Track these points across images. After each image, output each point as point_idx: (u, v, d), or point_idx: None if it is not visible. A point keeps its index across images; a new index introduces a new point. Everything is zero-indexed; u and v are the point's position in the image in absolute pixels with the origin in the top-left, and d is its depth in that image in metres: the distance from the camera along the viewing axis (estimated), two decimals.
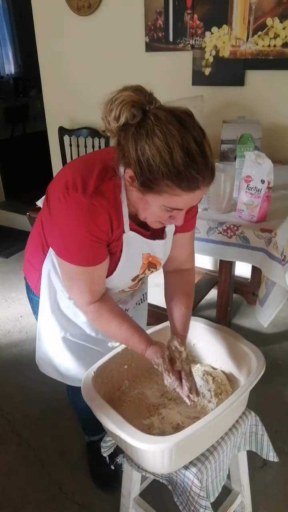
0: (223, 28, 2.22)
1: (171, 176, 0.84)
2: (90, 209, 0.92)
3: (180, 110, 0.87)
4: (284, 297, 1.54)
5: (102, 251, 1.01)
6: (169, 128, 0.82)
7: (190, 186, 0.86)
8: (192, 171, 0.83)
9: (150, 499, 1.39)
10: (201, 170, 0.84)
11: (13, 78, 6.52)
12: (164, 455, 0.94)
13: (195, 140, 0.83)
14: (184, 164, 0.82)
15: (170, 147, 0.81)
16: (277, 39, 2.12)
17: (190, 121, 0.85)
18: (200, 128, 0.86)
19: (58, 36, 2.82)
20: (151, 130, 0.83)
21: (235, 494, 1.35)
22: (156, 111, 0.85)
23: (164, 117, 0.83)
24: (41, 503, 1.53)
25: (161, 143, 0.82)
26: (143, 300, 1.45)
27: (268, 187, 1.48)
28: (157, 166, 0.83)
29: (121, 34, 2.57)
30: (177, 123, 0.83)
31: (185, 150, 0.82)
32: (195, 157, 0.82)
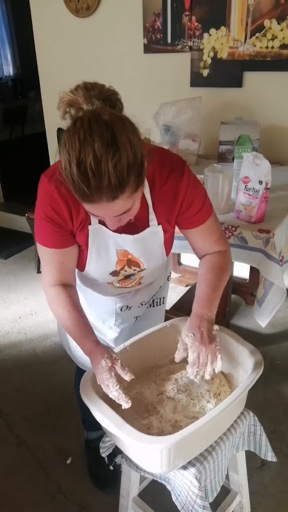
0: (221, 29, 2.23)
1: (70, 185, 0.84)
2: (49, 194, 0.98)
3: (99, 119, 0.81)
4: (282, 297, 1.55)
5: (64, 237, 1.04)
6: (74, 138, 0.80)
7: (85, 199, 0.85)
8: (84, 187, 0.81)
9: (149, 500, 1.39)
10: (93, 188, 0.81)
11: (11, 79, 6.53)
12: (162, 455, 0.95)
13: (94, 154, 0.78)
14: (77, 177, 0.81)
15: (70, 157, 0.80)
16: (274, 41, 2.13)
17: (100, 132, 0.79)
18: (110, 142, 0.79)
19: (57, 37, 2.83)
20: (64, 137, 0.82)
21: (233, 494, 1.36)
22: (81, 116, 0.82)
23: (79, 124, 0.81)
24: (40, 504, 1.53)
25: (66, 151, 0.81)
26: (159, 303, 1.44)
27: (266, 188, 1.49)
28: (63, 170, 0.84)
29: (119, 35, 2.57)
30: (84, 133, 0.79)
31: (79, 164, 0.79)
32: (88, 174, 0.79)
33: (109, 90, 0.89)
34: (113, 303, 1.31)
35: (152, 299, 1.41)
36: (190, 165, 2.21)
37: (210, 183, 1.58)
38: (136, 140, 0.83)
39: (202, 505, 1.01)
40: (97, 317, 1.35)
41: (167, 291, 1.49)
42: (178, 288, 2.73)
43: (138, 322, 1.41)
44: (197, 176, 1.94)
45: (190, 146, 2.23)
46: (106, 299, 1.30)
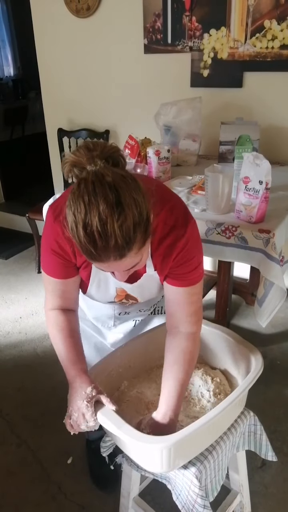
0: (221, 30, 2.24)
1: (77, 245, 0.85)
2: (55, 232, 1.00)
3: (103, 181, 0.81)
4: (282, 297, 1.55)
5: (67, 269, 1.07)
6: (79, 201, 0.81)
7: (94, 259, 0.86)
8: (91, 248, 0.82)
9: (150, 499, 1.40)
10: (100, 249, 0.82)
11: (12, 80, 6.53)
12: (162, 454, 0.95)
13: (100, 217, 0.79)
14: (84, 239, 0.82)
15: (76, 220, 0.81)
16: (275, 41, 2.13)
17: (105, 195, 0.79)
18: (114, 204, 0.79)
19: (57, 38, 2.83)
20: (70, 198, 0.83)
21: (234, 493, 1.36)
22: (85, 177, 0.83)
23: (84, 187, 0.81)
24: (40, 504, 1.53)
25: (72, 214, 0.82)
26: (160, 312, 1.44)
27: (266, 188, 1.49)
28: (70, 231, 0.84)
29: (119, 36, 2.58)
30: (88, 196, 0.80)
31: (86, 227, 0.80)
32: (95, 236, 0.80)
33: (111, 148, 0.88)
34: (111, 309, 1.33)
35: (154, 307, 1.41)
36: (191, 165, 2.24)
37: (210, 183, 1.58)
38: (140, 198, 0.83)
39: (203, 505, 1.02)
40: (96, 319, 1.38)
41: None
42: None
43: (138, 327, 1.41)
44: (197, 176, 1.95)
45: (191, 146, 2.23)
46: (105, 305, 1.30)
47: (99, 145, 0.87)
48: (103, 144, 0.88)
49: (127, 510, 1.36)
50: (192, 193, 1.81)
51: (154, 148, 1.90)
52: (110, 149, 0.88)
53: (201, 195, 1.76)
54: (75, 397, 1.02)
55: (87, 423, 1.00)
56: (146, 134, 2.18)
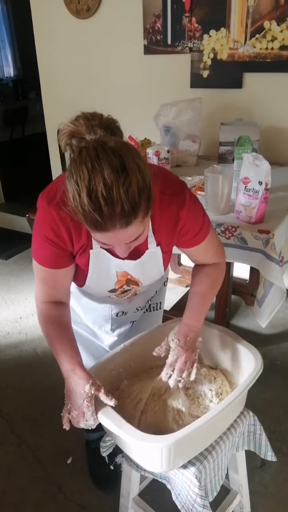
0: (221, 31, 2.24)
1: (80, 215, 0.83)
2: (50, 217, 0.97)
3: (106, 147, 0.80)
4: (282, 298, 1.55)
5: (62, 258, 1.04)
6: (82, 168, 0.79)
7: (98, 228, 0.84)
8: (96, 215, 0.80)
9: (149, 499, 1.40)
10: (105, 215, 0.80)
11: (12, 80, 6.54)
12: (163, 453, 0.95)
13: (105, 182, 0.78)
14: (89, 207, 0.80)
15: (79, 188, 0.80)
16: (274, 42, 2.13)
17: (109, 160, 0.78)
18: (119, 168, 0.79)
19: (57, 39, 2.84)
20: (71, 168, 0.82)
21: (233, 493, 1.36)
22: (85, 145, 0.82)
23: (85, 154, 0.80)
24: (40, 504, 1.53)
25: (73, 182, 0.80)
26: (156, 309, 1.44)
27: (265, 189, 1.49)
28: (71, 201, 0.83)
29: (119, 36, 2.58)
30: (91, 162, 0.79)
31: (90, 193, 0.78)
32: (100, 203, 0.79)
33: (109, 119, 0.89)
34: (108, 309, 1.32)
35: (149, 304, 1.41)
36: (190, 166, 2.24)
37: (210, 184, 1.59)
38: (142, 164, 0.83)
39: (202, 504, 1.02)
40: (93, 322, 1.36)
41: (164, 296, 1.49)
42: (178, 289, 2.73)
43: (134, 327, 1.41)
44: (197, 177, 1.96)
45: (190, 147, 2.24)
46: (101, 306, 1.30)
47: (97, 115, 0.87)
48: (100, 115, 0.88)
49: (127, 510, 1.36)
50: None
51: (154, 149, 1.90)
52: (108, 120, 0.88)
53: (200, 195, 1.76)
54: (73, 394, 1.00)
55: (87, 421, 0.99)
56: (146, 135, 2.18)
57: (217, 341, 1.25)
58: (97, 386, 1.00)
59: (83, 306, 1.31)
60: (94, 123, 0.85)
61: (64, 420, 1.02)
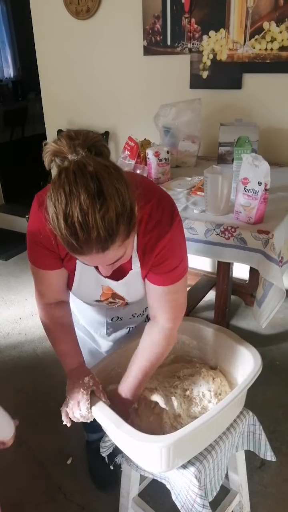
0: (221, 32, 2.24)
1: (59, 236, 0.82)
2: (38, 220, 0.96)
3: (85, 171, 0.78)
4: (281, 298, 1.55)
5: (52, 260, 1.03)
6: (60, 192, 0.78)
7: (76, 252, 0.83)
8: (73, 241, 0.79)
9: (149, 499, 1.40)
10: (81, 241, 0.79)
11: (12, 81, 6.55)
12: (162, 454, 0.95)
13: (81, 208, 0.76)
14: (65, 231, 0.79)
15: (56, 211, 0.79)
16: (273, 43, 2.14)
17: (86, 185, 0.77)
18: (96, 195, 0.77)
19: (57, 39, 2.84)
20: (51, 189, 0.80)
21: (233, 493, 1.36)
22: (66, 167, 0.80)
23: (63, 176, 0.79)
24: (40, 504, 1.54)
25: (53, 205, 0.79)
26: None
27: (265, 189, 1.49)
28: (50, 222, 0.82)
29: (119, 37, 2.59)
30: (69, 186, 0.77)
31: (66, 218, 0.78)
32: (76, 228, 0.77)
33: (94, 137, 0.85)
34: (103, 313, 1.29)
35: (147, 312, 1.35)
36: (190, 167, 2.25)
37: (209, 184, 1.59)
38: (123, 188, 0.80)
39: (202, 504, 1.02)
40: (89, 325, 1.34)
41: None
42: None
43: (133, 334, 1.35)
44: (196, 177, 1.96)
45: (190, 147, 2.24)
46: (96, 309, 1.28)
47: (81, 134, 0.84)
48: (85, 133, 0.85)
49: (127, 510, 1.37)
50: (192, 194, 1.82)
51: (154, 149, 1.91)
52: (93, 138, 0.85)
53: (200, 196, 1.77)
54: (72, 387, 1.04)
55: (81, 411, 1.01)
56: (145, 136, 2.19)
57: (217, 341, 1.25)
58: (95, 381, 1.04)
59: (78, 307, 1.30)
60: (77, 143, 0.82)
61: (62, 414, 1.05)
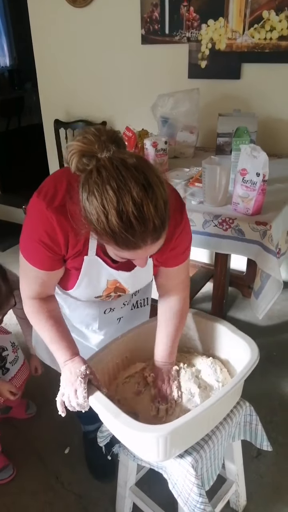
0: (219, 20, 2.22)
1: (108, 236, 0.81)
2: (46, 221, 0.93)
3: (127, 164, 0.79)
4: (278, 289, 1.55)
5: (53, 262, 1.01)
6: (106, 189, 0.77)
7: (129, 246, 0.83)
8: (128, 235, 0.79)
9: (146, 488, 1.41)
10: (138, 234, 0.79)
11: (8, 70, 6.48)
12: (159, 443, 0.96)
13: (134, 201, 0.77)
14: (119, 227, 0.78)
15: (105, 209, 0.78)
16: (273, 32, 2.11)
17: (134, 178, 0.78)
18: (145, 185, 0.78)
19: (54, 28, 2.80)
20: (91, 188, 0.79)
21: (229, 483, 1.38)
22: (103, 164, 0.80)
23: (106, 174, 0.78)
24: (37, 493, 1.55)
25: (98, 204, 0.78)
26: (143, 304, 1.42)
27: (263, 180, 1.49)
28: (95, 223, 0.81)
29: (116, 26, 2.55)
30: (116, 182, 0.77)
31: (120, 214, 0.77)
32: (131, 221, 0.77)
33: (113, 131, 0.86)
34: (96, 307, 1.28)
35: (136, 300, 1.38)
36: (188, 157, 2.24)
37: (207, 175, 1.58)
38: (161, 176, 0.82)
39: (199, 493, 1.03)
40: (80, 322, 1.33)
41: (151, 292, 1.45)
42: None
43: (121, 325, 1.37)
44: (194, 168, 1.95)
45: (188, 138, 2.23)
46: (89, 304, 1.26)
47: (102, 130, 0.85)
48: (105, 128, 0.86)
49: (124, 499, 1.38)
50: (189, 185, 1.81)
51: (152, 140, 1.89)
52: (113, 132, 0.85)
53: (198, 187, 1.76)
54: (69, 376, 1.03)
55: (77, 399, 1.00)
56: (143, 126, 2.17)
57: (214, 333, 1.26)
58: (92, 370, 1.04)
59: (69, 306, 1.28)
60: (104, 139, 0.82)
61: (58, 403, 1.05)
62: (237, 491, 1.40)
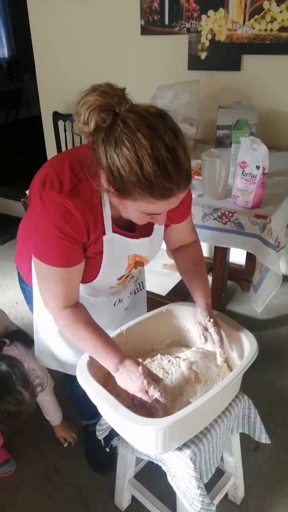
0: (219, 11, 2.19)
1: (143, 186, 0.80)
2: (64, 209, 0.90)
3: (151, 112, 0.81)
4: (277, 283, 1.55)
5: (76, 253, 0.98)
6: (138, 136, 0.77)
7: (164, 195, 0.83)
8: (164, 181, 0.79)
9: (145, 481, 1.42)
10: (174, 179, 0.80)
11: (6, 62, 6.42)
12: (158, 436, 0.96)
13: (167, 146, 0.77)
14: (155, 174, 0.78)
15: (139, 157, 0.77)
16: (273, 23, 2.09)
17: (162, 124, 0.79)
18: (173, 130, 0.80)
19: (52, 18, 2.77)
20: (119, 139, 0.78)
21: (228, 475, 1.38)
22: (125, 115, 0.80)
23: (133, 123, 0.78)
24: (37, 486, 1.55)
25: (129, 153, 0.77)
26: (139, 289, 1.43)
27: (263, 173, 1.48)
28: (127, 176, 0.80)
29: (116, 16, 2.52)
30: (146, 129, 0.77)
31: (155, 160, 0.77)
32: (167, 166, 0.78)
33: (122, 88, 0.86)
34: (107, 301, 1.27)
35: (134, 288, 1.39)
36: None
37: (207, 168, 1.57)
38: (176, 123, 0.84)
39: (197, 486, 1.03)
40: None
41: (144, 275, 1.48)
42: (174, 275, 2.73)
43: (125, 314, 1.38)
44: (194, 161, 1.94)
45: (188, 130, 2.21)
46: (100, 299, 1.26)
47: (112, 85, 0.85)
48: (113, 84, 0.85)
49: (123, 491, 1.39)
50: None
51: None
52: (122, 89, 0.86)
53: (197, 180, 1.75)
54: (129, 381, 1.01)
55: (153, 396, 0.99)
56: None
57: None
58: (144, 366, 1.05)
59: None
60: (119, 92, 0.83)
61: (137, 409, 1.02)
62: (235, 484, 1.41)
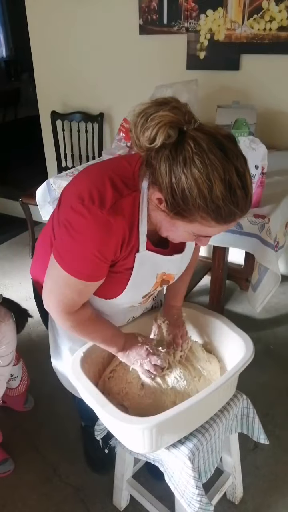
0: (218, 10, 2.19)
1: (208, 210, 0.78)
2: (105, 226, 0.87)
3: (222, 135, 0.79)
4: (276, 282, 1.55)
5: (103, 270, 0.95)
6: (211, 159, 0.75)
7: (227, 220, 0.81)
8: (231, 206, 0.78)
9: (143, 481, 1.41)
10: (240, 204, 0.79)
11: (4, 61, 6.42)
12: (144, 435, 0.96)
13: (237, 171, 0.76)
14: (223, 199, 0.76)
15: (210, 181, 0.75)
16: (272, 23, 2.09)
17: (233, 148, 0.78)
18: (242, 155, 0.80)
19: (51, 18, 2.76)
20: (189, 159, 0.76)
21: (226, 475, 1.38)
22: (195, 135, 0.77)
23: (206, 144, 0.76)
24: (35, 485, 1.55)
25: (200, 175, 0.75)
26: (158, 306, 1.38)
27: (262, 173, 1.48)
28: (193, 198, 0.77)
29: (114, 16, 2.52)
30: (219, 152, 0.76)
31: (227, 184, 0.76)
32: (236, 192, 0.77)
33: (186, 103, 0.84)
34: (122, 318, 1.23)
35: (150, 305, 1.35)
36: None
37: None
38: None
39: (195, 486, 1.03)
40: None
41: (163, 292, 1.40)
42: None
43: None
44: None
45: None
46: (115, 317, 1.19)
47: (180, 101, 0.83)
48: (179, 100, 0.84)
49: (121, 491, 1.38)
50: None
51: None
52: (186, 105, 0.84)
53: None
54: (134, 351, 1.11)
55: (153, 362, 1.10)
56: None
57: (211, 327, 1.25)
58: (144, 338, 1.15)
59: None
60: (186, 110, 0.81)
61: (145, 378, 1.12)
62: (233, 483, 1.41)
